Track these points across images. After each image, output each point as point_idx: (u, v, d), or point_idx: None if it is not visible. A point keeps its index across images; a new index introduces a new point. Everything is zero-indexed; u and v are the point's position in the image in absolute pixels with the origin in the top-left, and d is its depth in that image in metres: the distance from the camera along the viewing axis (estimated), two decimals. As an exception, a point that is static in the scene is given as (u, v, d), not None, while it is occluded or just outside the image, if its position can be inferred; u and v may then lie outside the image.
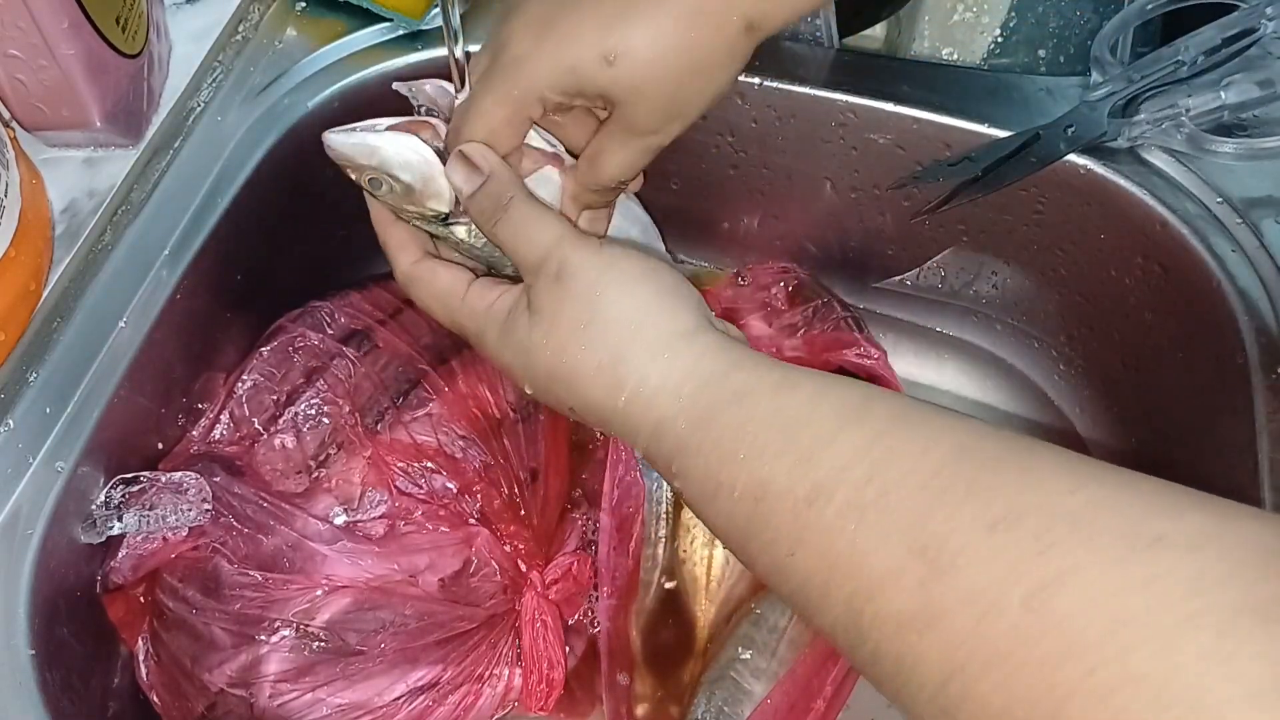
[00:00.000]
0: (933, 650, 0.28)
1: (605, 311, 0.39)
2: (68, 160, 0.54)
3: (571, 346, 0.39)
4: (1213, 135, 0.55)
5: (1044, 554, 0.27)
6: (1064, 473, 0.29)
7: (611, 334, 0.38)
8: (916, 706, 0.29)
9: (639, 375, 0.38)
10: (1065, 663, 0.25)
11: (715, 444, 0.35)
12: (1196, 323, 0.55)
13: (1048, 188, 0.58)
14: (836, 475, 0.32)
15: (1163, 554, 0.25)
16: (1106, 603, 0.25)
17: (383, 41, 0.62)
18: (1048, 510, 0.28)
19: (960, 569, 0.28)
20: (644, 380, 0.37)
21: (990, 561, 0.27)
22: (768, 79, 0.59)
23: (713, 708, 0.55)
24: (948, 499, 0.29)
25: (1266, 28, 0.53)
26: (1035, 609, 0.26)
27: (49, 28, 0.47)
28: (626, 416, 0.38)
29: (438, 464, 0.55)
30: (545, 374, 0.40)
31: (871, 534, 0.30)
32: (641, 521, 0.58)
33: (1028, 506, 0.28)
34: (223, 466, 0.52)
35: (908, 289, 0.69)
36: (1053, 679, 0.25)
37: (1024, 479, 0.29)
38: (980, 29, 0.67)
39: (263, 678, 0.50)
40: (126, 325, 0.51)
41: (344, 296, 0.60)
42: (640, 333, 0.38)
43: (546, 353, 0.40)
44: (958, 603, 0.27)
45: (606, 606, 0.57)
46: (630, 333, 0.38)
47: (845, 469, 0.32)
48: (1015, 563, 0.27)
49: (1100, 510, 0.27)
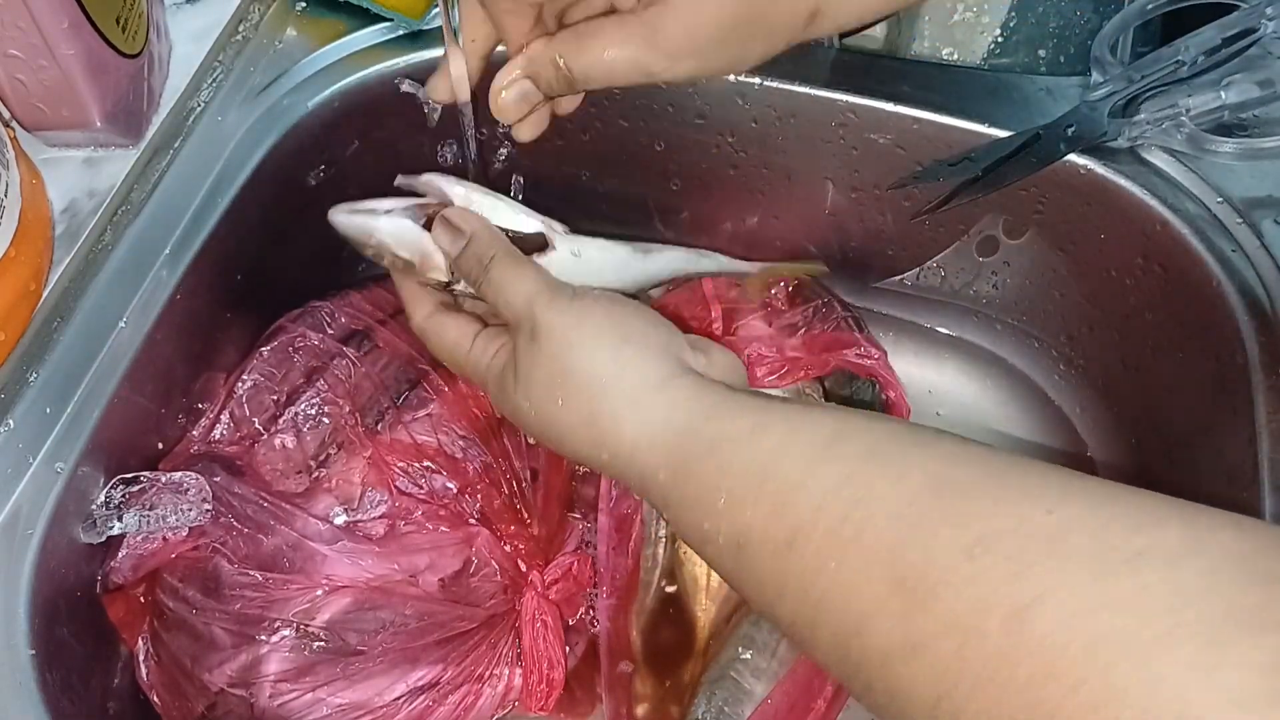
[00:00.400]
0: (920, 679, 0.28)
1: (575, 371, 0.39)
2: (68, 160, 0.54)
3: (550, 406, 0.40)
4: (1213, 135, 0.55)
5: (1021, 576, 0.27)
6: (1040, 492, 0.29)
7: (584, 394, 0.39)
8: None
9: (614, 433, 0.38)
10: (1048, 682, 0.25)
11: (695, 497, 0.36)
12: (1197, 323, 0.55)
13: (1048, 188, 0.58)
14: (812, 517, 0.32)
15: (1141, 569, 0.26)
16: (1085, 620, 0.25)
17: (383, 41, 0.62)
18: (1024, 532, 0.28)
19: (939, 598, 0.28)
20: (619, 438, 0.38)
21: (968, 587, 0.27)
22: (768, 79, 0.59)
23: (713, 708, 0.55)
24: (923, 528, 0.29)
25: (1266, 28, 0.53)
26: (1015, 631, 0.26)
27: (49, 28, 0.47)
28: (613, 469, 0.39)
29: (438, 464, 0.55)
30: (536, 430, 0.42)
31: (851, 571, 0.30)
32: (641, 521, 0.58)
33: (1003, 530, 0.28)
34: (223, 466, 0.52)
35: (908, 289, 0.69)
36: (1038, 698, 0.25)
37: (999, 502, 0.29)
38: (980, 29, 0.67)
39: (263, 678, 0.50)
40: (126, 325, 0.51)
41: (344, 296, 0.60)
42: (610, 391, 0.39)
43: (532, 412, 0.41)
44: (939, 631, 0.28)
45: (606, 606, 0.57)
46: (600, 391, 0.39)
47: (819, 510, 0.32)
48: (993, 586, 0.27)
49: (1077, 529, 0.27)
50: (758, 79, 0.59)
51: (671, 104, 0.62)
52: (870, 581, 0.30)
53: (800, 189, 0.64)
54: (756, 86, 0.60)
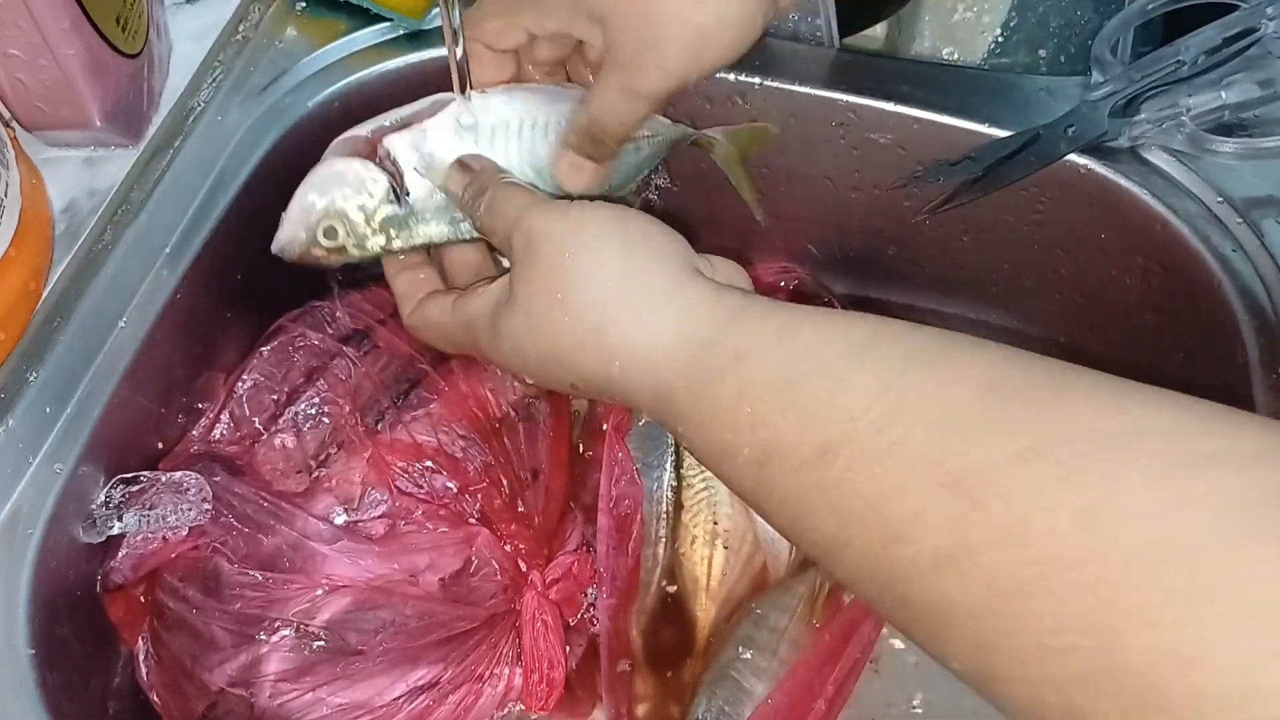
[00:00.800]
0: (970, 585, 0.27)
1: (578, 277, 0.36)
2: (68, 160, 0.54)
3: (553, 321, 0.37)
4: (1213, 135, 0.54)
5: (1080, 479, 0.25)
6: (1100, 398, 0.28)
7: (589, 301, 0.36)
8: (952, 646, 0.28)
9: (626, 342, 0.36)
10: (1120, 582, 0.24)
11: (715, 412, 0.34)
12: (1197, 322, 0.55)
13: (1048, 188, 0.58)
14: (846, 428, 0.30)
15: (1215, 470, 0.24)
16: (1153, 522, 0.24)
17: (383, 41, 0.62)
18: (1084, 437, 0.26)
19: (991, 502, 0.26)
20: (632, 346, 0.35)
21: (1024, 491, 0.26)
22: (768, 79, 0.59)
23: (713, 708, 0.55)
24: (974, 435, 0.28)
25: (1267, 27, 0.53)
26: (1081, 530, 0.25)
27: (49, 28, 0.47)
28: (623, 385, 0.36)
29: (438, 464, 0.55)
30: (537, 356, 0.38)
31: (890, 479, 0.29)
32: (640, 521, 0.58)
33: (1061, 434, 0.27)
34: (223, 466, 0.52)
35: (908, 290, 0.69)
36: (1109, 599, 0.24)
37: (1054, 407, 0.28)
38: (981, 29, 0.67)
39: (263, 677, 0.50)
40: (126, 325, 0.51)
41: (344, 296, 0.60)
42: (618, 295, 0.36)
43: (533, 334, 0.38)
44: (994, 535, 0.26)
45: (606, 606, 0.56)
46: (607, 296, 0.36)
47: (854, 420, 0.30)
48: (1052, 490, 0.26)
49: (1141, 433, 0.26)
50: (758, 79, 0.59)
51: (672, 104, 0.62)
52: (912, 488, 0.28)
53: (800, 189, 0.64)
54: (756, 86, 0.60)
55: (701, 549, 0.60)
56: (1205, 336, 0.55)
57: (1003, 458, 0.27)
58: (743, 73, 0.59)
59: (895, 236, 0.65)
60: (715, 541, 0.60)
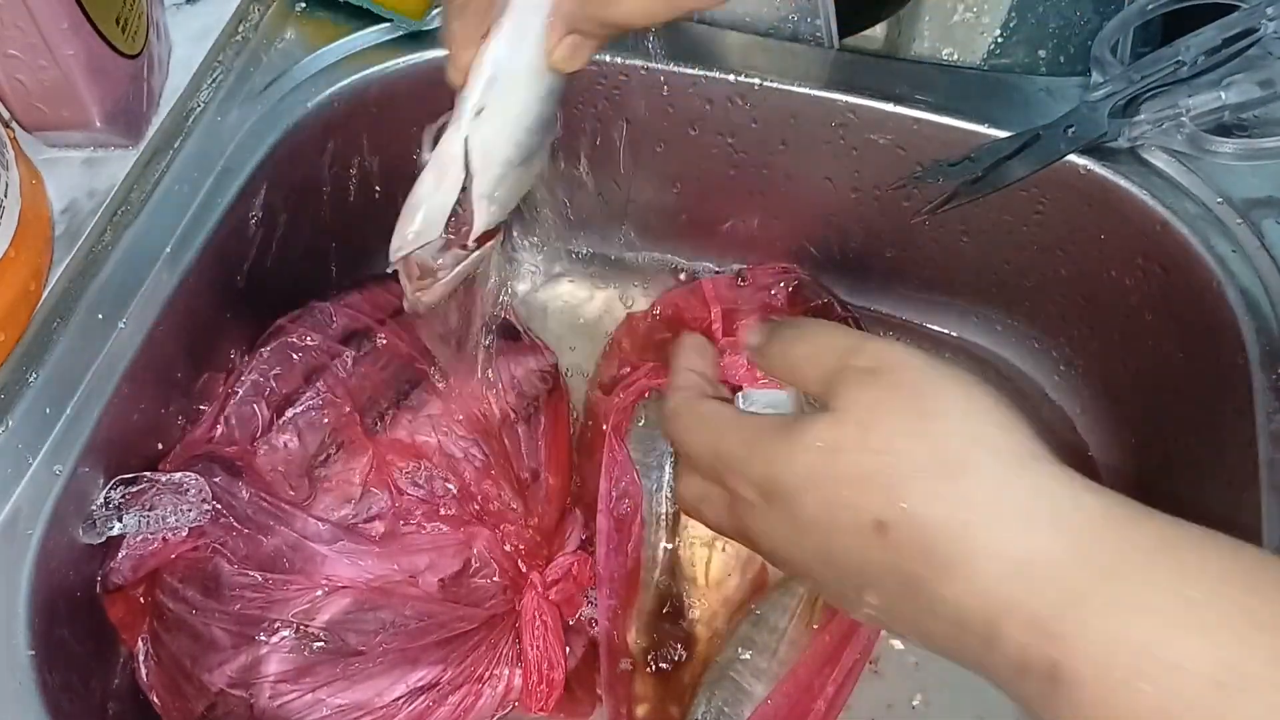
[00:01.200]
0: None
1: (943, 406, 0.32)
2: (68, 160, 0.54)
3: (901, 438, 0.31)
4: (1213, 135, 0.55)
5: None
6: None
7: (954, 431, 0.31)
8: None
9: (992, 489, 0.30)
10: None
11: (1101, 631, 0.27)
12: (1197, 323, 0.55)
13: (1048, 188, 0.58)
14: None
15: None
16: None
17: (383, 41, 0.62)
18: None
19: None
20: (997, 501, 0.30)
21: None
22: (768, 79, 0.59)
23: (713, 708, 0.55)
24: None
25: (1267, 28, 0.53)
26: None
27: (49, 28, 0.47)
28: (966, 540, 0.30)
29: (438, 464, 0.55)
30: (856, 475, 0.32)
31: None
32: (640, 522, 0.58)
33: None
34: (223, 466, 0.52)
35: (908, 290, 0.69)
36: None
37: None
38: (980, 29, 0.67)
39: (263, 678, 0.50)
40: (126, 325, 0.51)
41: (344, 296, 0.60)
42: (988, 441, 0.31)
43: (860, 447, 0.32)
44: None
45: (606, 607, 0.56)
46: (976, 437, 0.31)
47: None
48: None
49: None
50: (758, 79, 0.59)
51: (672, 105, 0.62)
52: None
53: (800, 189, 0.64)
54: (756, 87, 0.60)
55: (701, 549, 0.60)
56: (1205, 336, 0.55)
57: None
58: (743, 73, 0.60)
59: (895, 237, 0.65)
60: (715, 542, 0.60)
